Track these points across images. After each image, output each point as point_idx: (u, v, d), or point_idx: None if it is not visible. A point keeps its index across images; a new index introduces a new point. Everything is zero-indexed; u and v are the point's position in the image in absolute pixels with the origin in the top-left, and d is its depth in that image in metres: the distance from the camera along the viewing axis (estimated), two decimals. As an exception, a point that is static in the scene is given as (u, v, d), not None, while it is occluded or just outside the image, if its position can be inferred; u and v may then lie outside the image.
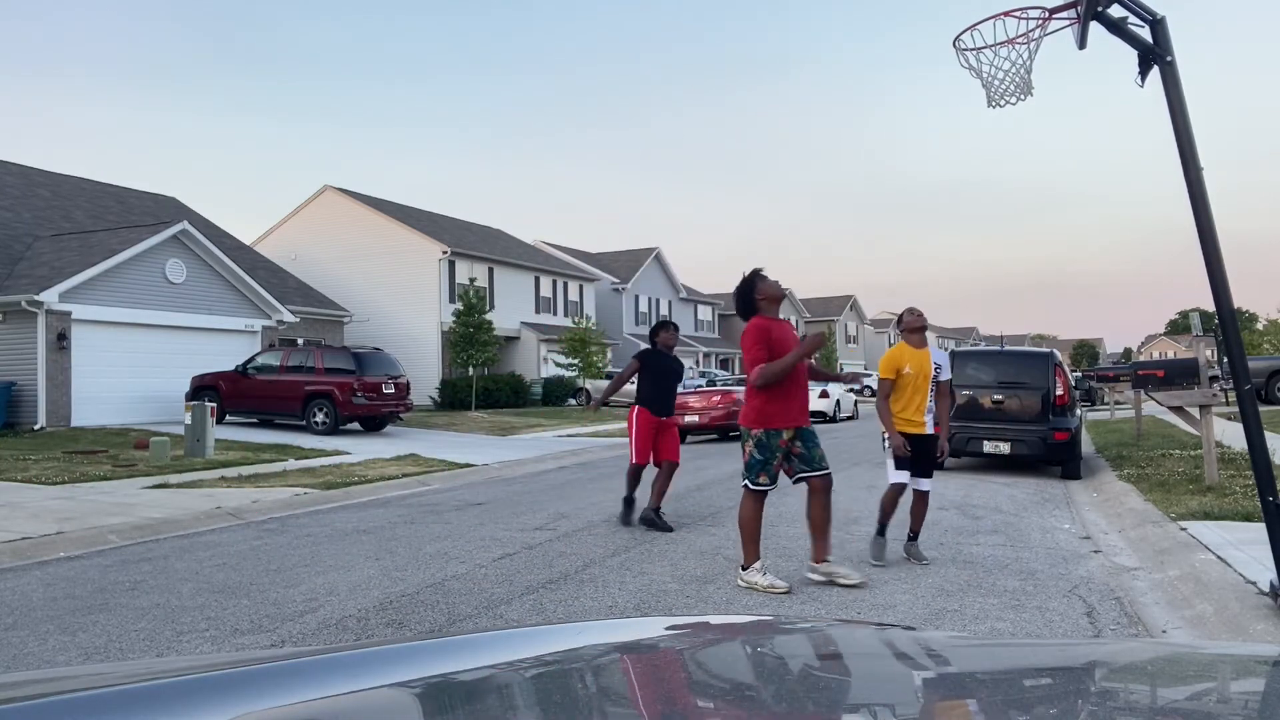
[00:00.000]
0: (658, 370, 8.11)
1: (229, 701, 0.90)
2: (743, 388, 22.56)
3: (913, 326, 6.27)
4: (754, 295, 5.53)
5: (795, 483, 5.55)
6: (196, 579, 5.95)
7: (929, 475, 6.27)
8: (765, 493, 5.45)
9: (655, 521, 7.68)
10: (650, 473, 8.10)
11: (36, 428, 17.47)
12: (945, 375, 6.29)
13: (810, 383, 5.99)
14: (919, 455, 6.13)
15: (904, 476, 6.16)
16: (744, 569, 5.48)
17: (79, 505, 8.88)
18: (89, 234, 21.14)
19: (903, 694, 1.04)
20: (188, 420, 13.62)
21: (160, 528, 7.93)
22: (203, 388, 18.91)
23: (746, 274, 5.63)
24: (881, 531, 6.26)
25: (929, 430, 6.17)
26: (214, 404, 14.67)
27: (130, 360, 19.49)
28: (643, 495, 7.99)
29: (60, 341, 18.02)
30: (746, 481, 5.44)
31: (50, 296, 17.56)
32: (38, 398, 17.71)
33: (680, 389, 25.80)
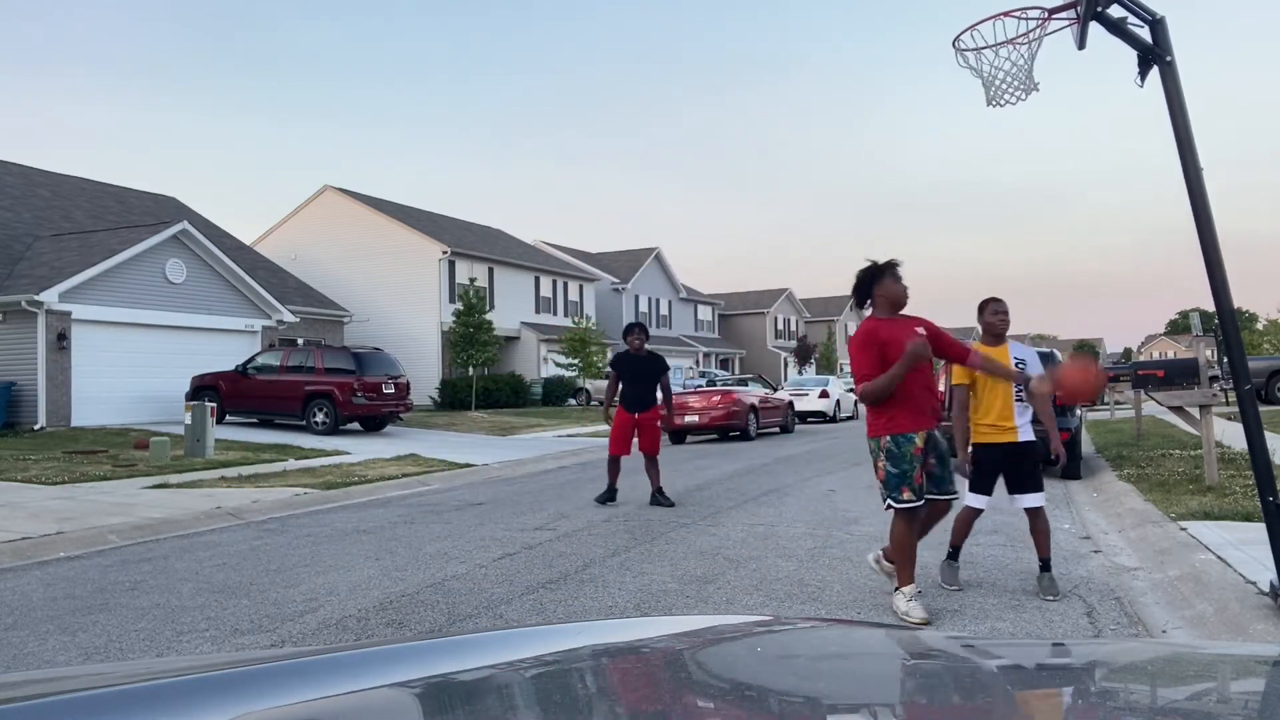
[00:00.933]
0: (628, 372, 9.18)
1: (229, 701, 0.90)
2: (743, 388, 22.30)
3: (994, 329, 5.40)
4: (871, 289, 4.89)
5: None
6: (196, 579, 5.95)
7: (1034, 489, 5.23)
8: (916, 511, 4.74)
9: (658, 499, 9.00)
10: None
11: (36, 428, 17.48)
12: (1035, 370, 5.22)
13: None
14: (1012, 467, 5.25)
15: (981, 500, 5.34)
16: (898, 589, 4.86)
17: (79, 505, 8.88)
18: (89, 234, 21.15)
19: (903, 694, 1.04)
20: (188, 420, 13.63)
21: (160, 528, 7.93)
22: (203, 388, 18.91)
23: (878, 263, 4.90)
24: (953, 556, 5.50)
25: (1023, 437, 5.25)
26: (214, 404, 14.68)
27: (130, 360, 19.49)
28: (629, 489, 7.99)
29: (60, 341, 18.02)
30: (890, 500, 4.77)
31: (50, 296, 17.57)
32: (38, 398, 17.71)
33: (679, 389, 25.71)
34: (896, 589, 4.90)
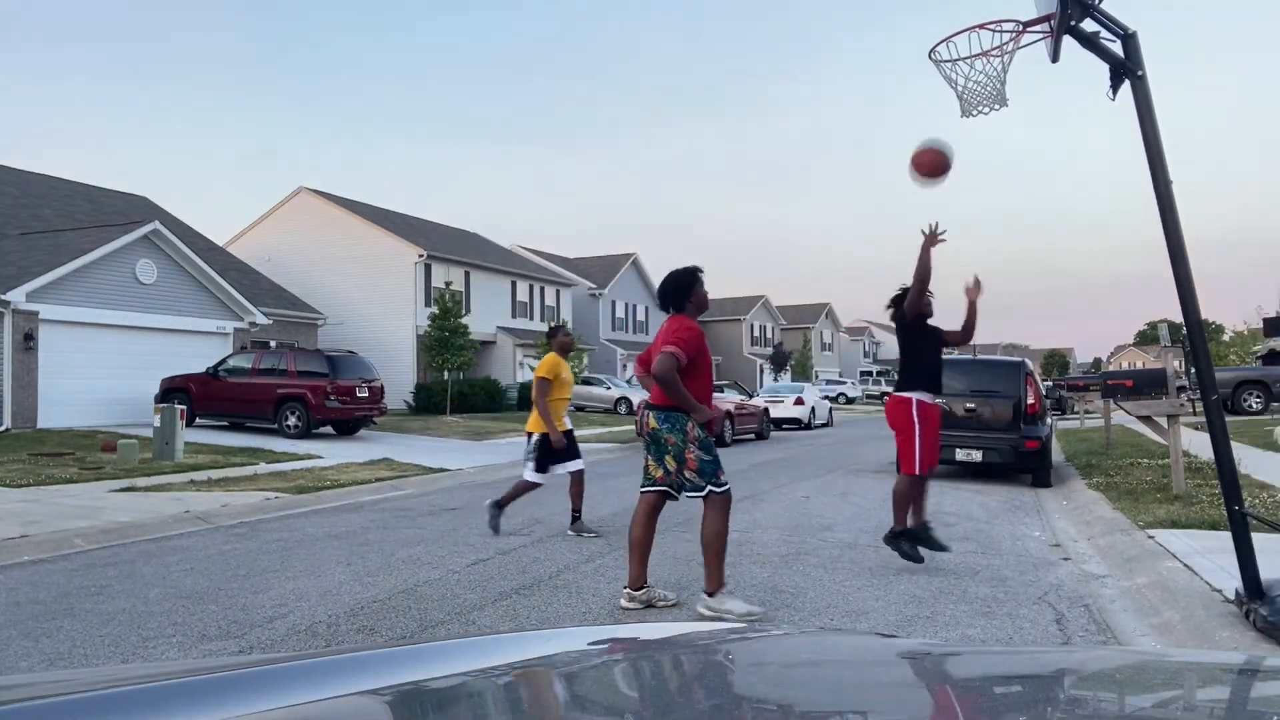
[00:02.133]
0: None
1: (194, 710, 0.89)
2: (719, 395, 22.32)
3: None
4: (690, 292, 5.17)
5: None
6: (164, 584, 5.86)
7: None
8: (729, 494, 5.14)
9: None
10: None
11: (1, 429, 17.17)
12: None
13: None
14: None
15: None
16: (720, 590, 5.07)
17: (44, 508, 8.73)
18: (58, 233, 20.84)
19: (875, 701, 1.04)
20: (157, 423, 13.45)
21: (127, 531, 7.81)
22: (173, 390, 18.66)
23: (695, 268, 5.25)
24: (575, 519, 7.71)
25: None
26: (184, 406, 14.48)
27: (99, 361, 19.21)
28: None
29: (27, 342, 17.73)
30: (711, 487, 5.01)
31: (17, 296, 17.28)
32: (3, 399, 17.41)
33: None
34: (719, 591, 4.98)
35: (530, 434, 7.78)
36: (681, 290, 5.15)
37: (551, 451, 7.70)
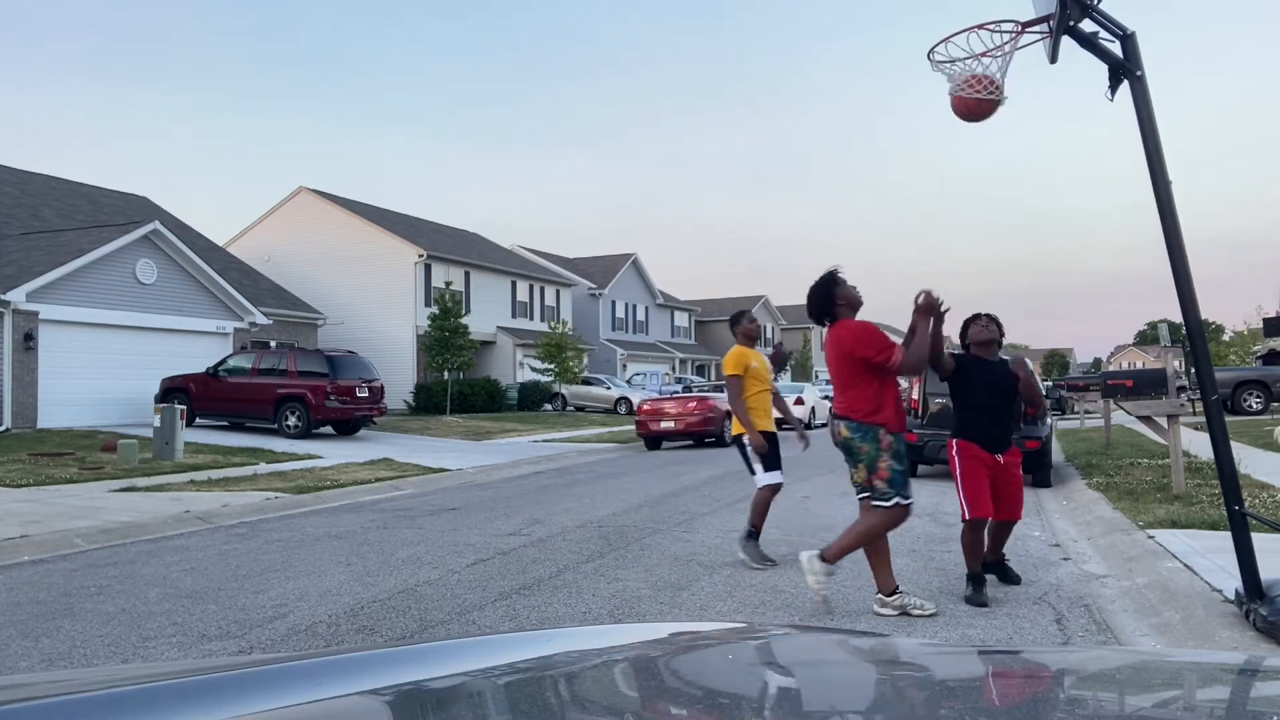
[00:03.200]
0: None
1: (194, 710, 0.89)
2: (719, 394, 22.32)
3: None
4: (834, 297, 4.98)
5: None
6: (163, 584, 5.86)
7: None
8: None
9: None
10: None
11: (1, 429, 17.17)
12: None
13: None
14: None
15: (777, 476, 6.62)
16: (898, 591, 4.92)
17: (44, 508, 8.73)
18: (58, 233, 20.84)
19: (875, 702, 1.05)
20: (157, 423, 13.45)
21: (127, 532, 7.81)
22: (173, 390, 18.67)
23: (832, 272, 5.05)
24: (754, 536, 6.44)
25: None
26: (184, 406, 14.49)
27: (99, 361, 19.21)
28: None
29: (27, 342, 17.73)
30: (899, 499, 4.78)
31: (17, 296, 17.28)
32: (3, 399, 17.40)
33: (656, 394, 25.67)
34: (897, 591, 4.89)
35: (739, 436, 6.58)
36: (826, 297, 4.97)
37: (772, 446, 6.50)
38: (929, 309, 4.83)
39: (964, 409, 5.53)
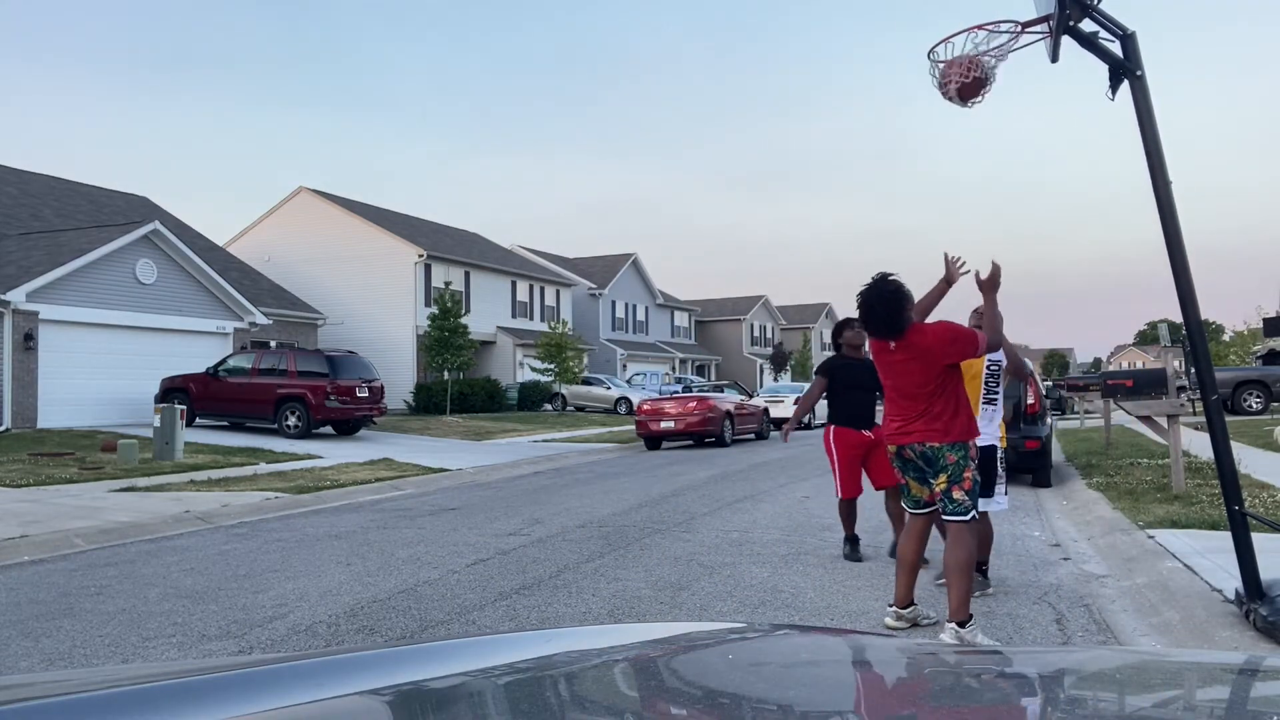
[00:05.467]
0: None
1: (194, 710, 0.89)
2: (719, 394, 22.27)
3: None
4: (905, 306, 4.46)
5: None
6: (164, 584, 5.86)
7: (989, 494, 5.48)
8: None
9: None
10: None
11: (1, 429, 17.17)
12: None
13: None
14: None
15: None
16: (969, 622, 4.31)
17: (44, 508, 8.73)
18: (58, 233, 20.83)
19: (875, 701, 1.05)
20: (157, 423, 13.45)
21: (127, 532, 7.81)
22: (173, 390, 18.66)
23: (881, 282, 4.50)
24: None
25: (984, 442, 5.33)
26: (184, 406, 14.49)
27: (99, 361, 19.21)
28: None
29: (27, 342, 17.73)
30: (975, 512, 4.43)
31: (17, 296, 17.28)
32: (3, 399, 17.40)
33: (656, 394, 25.67)
34: (969, 622, 4.29)
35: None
36: (897, 305, 4.41)
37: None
38: (996, 284, 4.55)
39: (837, 398, 6.51)
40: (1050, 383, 31.16)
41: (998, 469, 5.70)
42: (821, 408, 7.79)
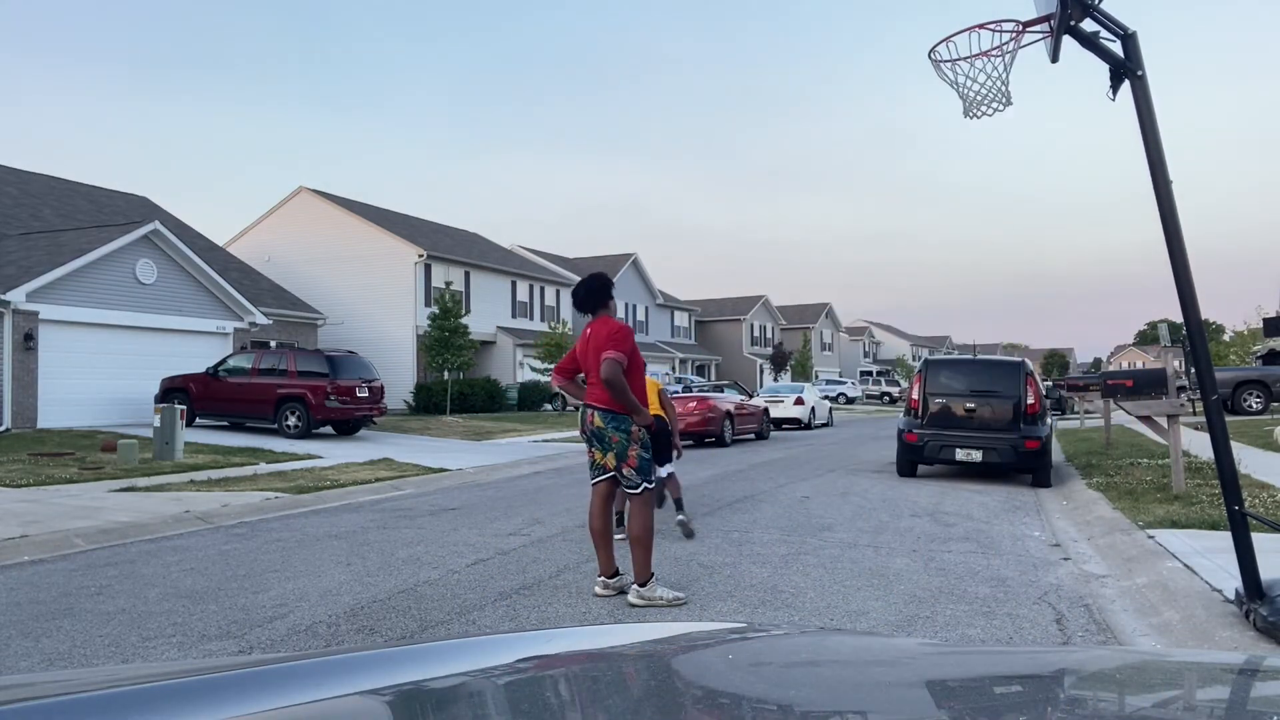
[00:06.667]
0: None
1: (194, 710, 0.88)
2: (719, 394, 22.30)
3: None
4: (610, 295, 5.60)
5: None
6: (164, 584, 5.86)
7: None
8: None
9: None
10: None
11: (1, 429, 17.17)
12: None
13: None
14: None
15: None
16: (651, 580, 5.28)
17: (44, 508, 8.73)
18: (58, 233, 20.84)
19: (875, 701, 1.04)
20: (157, 423, 13.45)
21: (127, 532, 7.81)
22: (173, 390, 18.66)
23: (599, 274, 5.69)
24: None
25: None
26: (184, 406, 14.48)
27: (99, 361, 19.22)
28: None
29: (27, 342, 17.73)
30: (645, 484, 5.30)
31: (17, 296, 17.28)
32: (3, 399, 17.41)
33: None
34: (650, 581, 5.22)
35: None
36: (605, 291, 5.50)
37: None
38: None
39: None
40: (1050, 383, 31.17)
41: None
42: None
